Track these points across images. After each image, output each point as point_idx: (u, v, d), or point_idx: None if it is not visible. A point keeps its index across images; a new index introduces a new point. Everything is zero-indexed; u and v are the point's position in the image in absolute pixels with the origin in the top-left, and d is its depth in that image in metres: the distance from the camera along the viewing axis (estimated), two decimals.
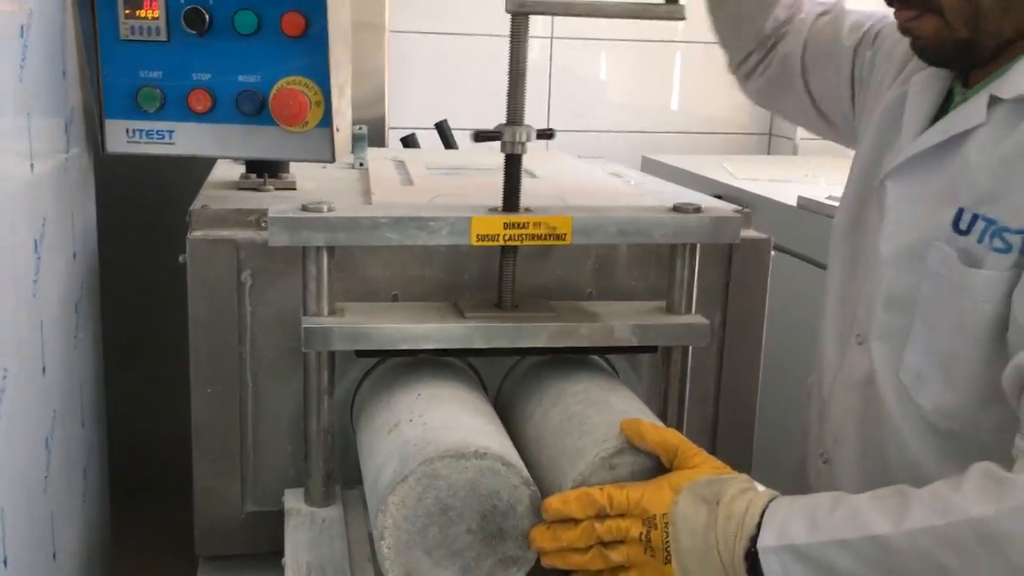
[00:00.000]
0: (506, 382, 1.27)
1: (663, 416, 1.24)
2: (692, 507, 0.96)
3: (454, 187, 1.48)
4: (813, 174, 2.75)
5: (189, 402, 1.21)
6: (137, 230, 1.76)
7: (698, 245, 1.21)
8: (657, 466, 1.02)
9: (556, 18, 3.27)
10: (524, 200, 1.18)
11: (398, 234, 1.11)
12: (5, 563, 0.88)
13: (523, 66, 1.13)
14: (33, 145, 0.98)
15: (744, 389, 1.37)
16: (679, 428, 1.24)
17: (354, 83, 2.32)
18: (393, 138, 2.55)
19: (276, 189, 1.39)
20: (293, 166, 1.50)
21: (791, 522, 0.93)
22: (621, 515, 0.98)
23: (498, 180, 1.58)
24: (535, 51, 3.23)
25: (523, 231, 1.14)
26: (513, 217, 1.14)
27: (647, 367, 1.33)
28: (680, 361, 1.23)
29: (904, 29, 1.09)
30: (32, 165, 0.97)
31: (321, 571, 1.05)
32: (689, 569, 0.95)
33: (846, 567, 0.90)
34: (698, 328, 1.21)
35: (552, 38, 3.24)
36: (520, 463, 1.01)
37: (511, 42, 1.12)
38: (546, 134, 1.18)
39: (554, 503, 0.99)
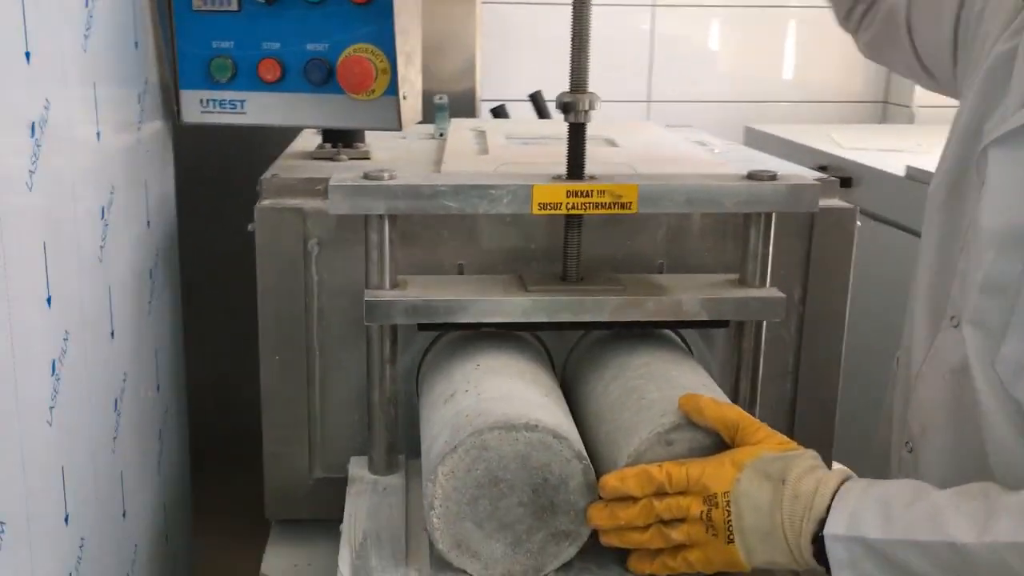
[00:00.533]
0: (572, 355, 1.25)
1: (735, 392, 1.20)
2: (756, 484, 0.92)
3: (529, 156, 1.46)
4: (927, 143, 2.61)
5: None
6: (218, 200, 1.79)
7: (773, 214, 1.15)
8: (717, 443, 0.98)
9: None
10: (601, 168, 1.15)
11: (458, 202, 1.10)
12: (67, 520, 0.91)
13: (586, 32, 1.10)
14: (100, 115, 1.00)
15: (826, 366, 1.31)
16: (752, 405, 1.20)
17: (443, 54, 2.32)
18: (486, 110, 2.54)
19: (350, 159, 1.39)
20: (372, 137, 1.51)
21: (863, 512, 0.88)
22: (681, 493, 0.95)
23: (591, 152, 1.55)
24: (636, 19, 3.16)
25: (586, 199, 1.11)
26: (576, 185, 1.11)
27: (721, 342, 1.28)
28: (753, 336, 1.19)
29: None
30: (99, 134, 1.00)
31: (376, 538, 1.05)
32: (753, 548, 0.92)
33: (919, 568, 0.85)
34: (772, 302, 1.16)
35: (654, 6, 3.17)
36: (573, 436, 0.99)
37: (574, 7, 1.09)
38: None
39: (611, 481, 0.96)
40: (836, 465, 1.38)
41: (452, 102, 2.19)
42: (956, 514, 0.84)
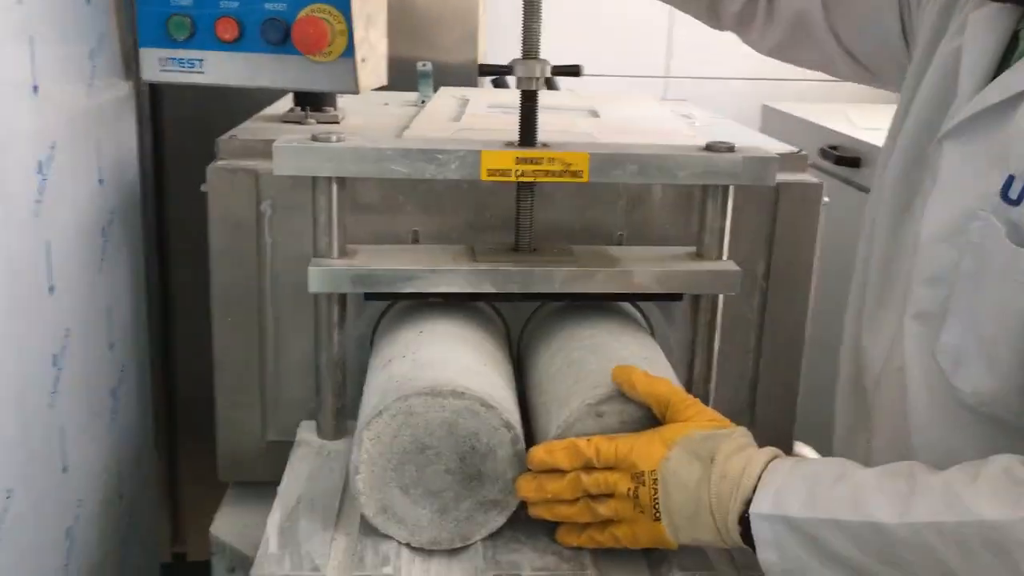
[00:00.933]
0: (528, 326, 1.23)
1: (690, 368, 1.17)
2: (684, 463, 0.90)
3: (501, 124, 1.43)
4: None
5: None
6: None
7: (731, 187, 1.13)
8: (648, 416, 0.97)
9: None
10: (571, 138, 1.12)
11: (405, 167, 1.08)
12: None
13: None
14: (36, 69, 1.00)
15: (789, 345, 1.28)
16: (707, 381, 1.18)
17: (445, 23, 2.29)
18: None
19: (318, 123, 1.38)
20: (351, 102, 1.50)
21: (788, 491, 0.86)
22: (610, 468, 0.93)
23: (561, 120, 1.53)
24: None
25: (536, 167, 1.09)
26: (526, 152, 1.09)
27: (681, 317, 1.26)
28: (709, 310, 1.16)
29: None
30: (35, 88, 0.99)
31: (311, 503, 1.04)
32: (680, 527, 0.91)
33: (842, 548, 0.83)
34: (727, 275, 1.13)
35: None
36: (504, 405, 0.97)
37: None
38: (570, 71, 1.11)
39: (539, 453, 0.95)
40: (797, 446, 1.36)
41: (455, 71, 2.17)
42: (878, 494, 0.83)
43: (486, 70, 1.12)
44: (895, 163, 1.08)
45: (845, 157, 2.35)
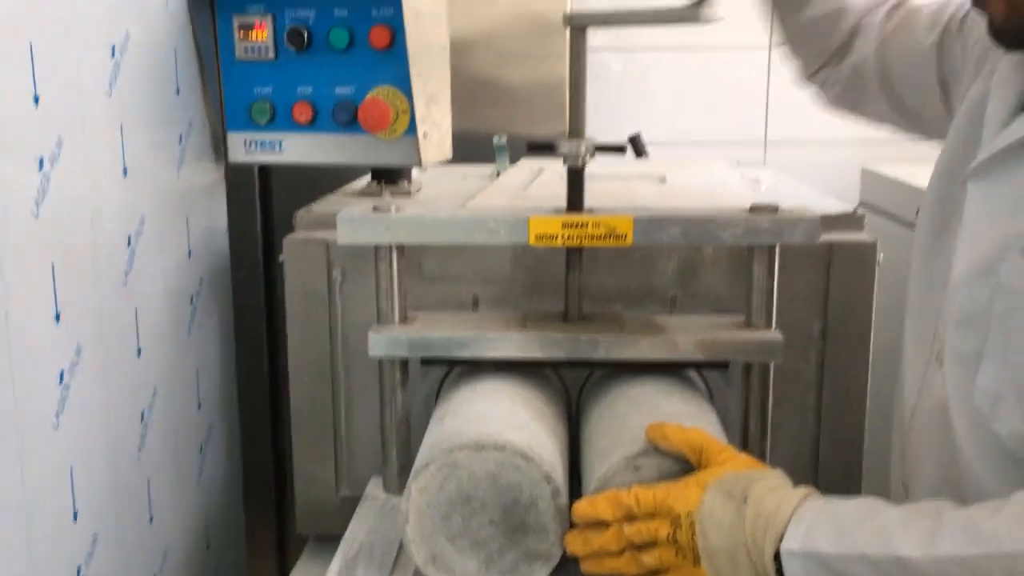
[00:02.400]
0: (584, 387, 1.27)
1: (745, 429, 1.19)
2: (719, 503, 0.92)
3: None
4: None
5: None
6: None
7: (776, 248, 1.15)
8: (685, 468, 0.99)
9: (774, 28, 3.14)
10: (628, 204, 1.16)
11: (458, 234, 1.15)
12: (75, 516, 1.00)
13: (582, 80, 1.14)
14: (127, 153, 1.11)
15: (850, 404, 1.28)
16: (763, 441, 1.19)
17: (534, 97, 2.37)
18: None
19: (392, 195, 1.47)
20: (430, 177, 1.58)
21: (818, 527, 0.88)
22: (651, 516, 0.96)
23: (625, 187, 1.58)
24: (753, 62, 3.13)
25: (582, 231, 1.14)
26: (571, 217, 1.14)
27: (739, 380, 1.27)
28: (760, 373, 1.18)
29: (976, 8, 0.98)
30: (125, 170, 1.11)
31: (370, 551, 1.10)
32: (720, 569, 0.92)
33: None
34: (770, 344, 1.14)
35: (771, 47, 3.14)
36: (545, 458, 1.01)
37: (569, 56, 1.14)
38: (617, 148, 1.18)
39: (582, 506, 0.98)
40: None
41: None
42: (904, 530, 0.84)
43: (533, 146, 1.18)
44: (926, 206, 1.11)
45: None
